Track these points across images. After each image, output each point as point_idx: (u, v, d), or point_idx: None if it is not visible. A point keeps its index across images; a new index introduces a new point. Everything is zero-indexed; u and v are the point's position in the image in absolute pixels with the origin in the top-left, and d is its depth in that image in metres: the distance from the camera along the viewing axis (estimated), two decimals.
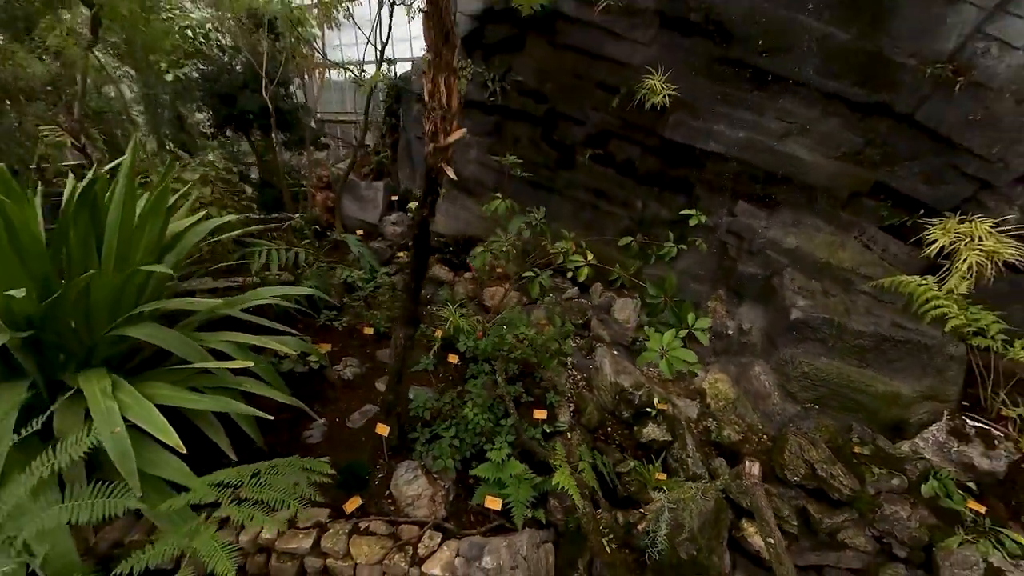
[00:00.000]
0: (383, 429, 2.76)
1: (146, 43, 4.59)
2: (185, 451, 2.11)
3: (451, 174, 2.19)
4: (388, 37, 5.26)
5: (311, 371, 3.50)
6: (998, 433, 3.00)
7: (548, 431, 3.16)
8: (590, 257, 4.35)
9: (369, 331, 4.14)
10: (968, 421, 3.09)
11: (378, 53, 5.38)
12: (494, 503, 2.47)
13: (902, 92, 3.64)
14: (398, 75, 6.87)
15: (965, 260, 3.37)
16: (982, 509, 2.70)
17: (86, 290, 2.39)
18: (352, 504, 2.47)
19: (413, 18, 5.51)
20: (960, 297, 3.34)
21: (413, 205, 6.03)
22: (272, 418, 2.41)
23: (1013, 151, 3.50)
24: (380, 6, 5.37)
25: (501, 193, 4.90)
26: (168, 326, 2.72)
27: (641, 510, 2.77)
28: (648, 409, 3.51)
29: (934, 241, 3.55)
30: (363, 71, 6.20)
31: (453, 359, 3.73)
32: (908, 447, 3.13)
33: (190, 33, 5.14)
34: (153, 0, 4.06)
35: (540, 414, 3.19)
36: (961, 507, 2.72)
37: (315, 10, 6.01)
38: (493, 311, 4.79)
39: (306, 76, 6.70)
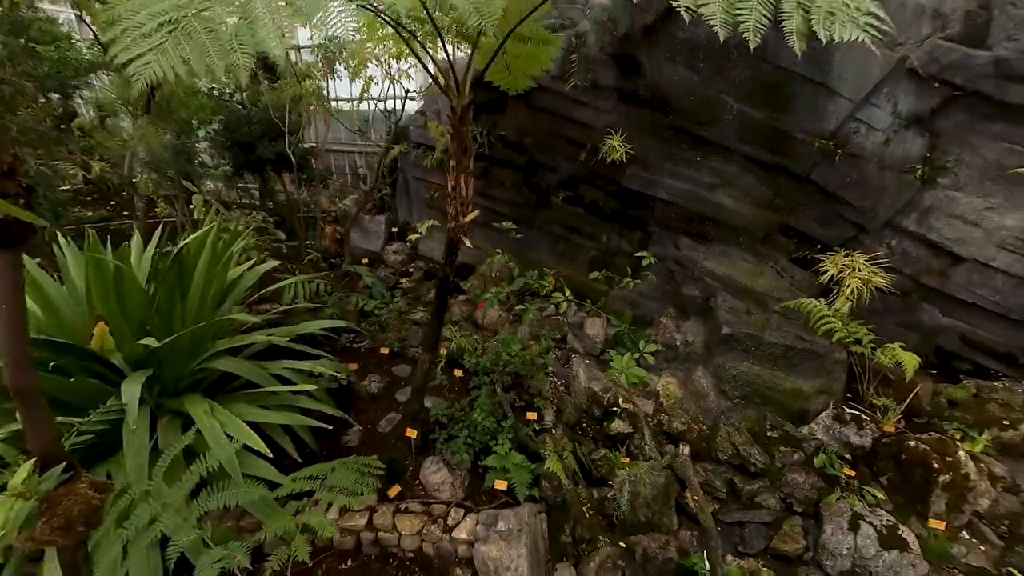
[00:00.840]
0: (411, 432, 3.34)
1: (180, 105, 5.03)
2: (272, 455, 2.65)
3: (467, 243, 2.82)
4: (400, 116, 5.91)
5: (342, 387, 4.04)
6: (866, 417, 3.84)
7: (538, 428, 3.80)
8: (567, 293, 5.03)
9: (385, 351, 4.69)
10: (847, 409, 3.92)
11: (393, 127, 6.01)
12: (501, 485, 3.09)
13: (799, 158, 4.49)
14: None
15: (848, 286, 4.21)
16: (853, 473, 3.51)
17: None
18: (394, 491, 3.04)
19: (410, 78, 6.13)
20: (844, 314, 4.18)
21: (413, 237, 6.60)
22: (331, 427, 2.95)
23: (880, 204, 4.39)
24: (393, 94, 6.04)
25: (484, 228, 5.56)
26: (232, 355, 3.24)
27: (610, 483, 3.44)
28: (615, 408, 4.21)
29: (827, 271, 4.40)
30: (369, 122, 6.78)
31: (458, 373, 4.33)
32: (806, 430, 3.93)
33: (216, 92, 5.57)
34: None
35: (531, 415, 3.82)
36: (840, 473, 3.51)
37: (320, 63, 6.54)
38: (485, 329, 5.42)
39: (313, 121, 7.18)
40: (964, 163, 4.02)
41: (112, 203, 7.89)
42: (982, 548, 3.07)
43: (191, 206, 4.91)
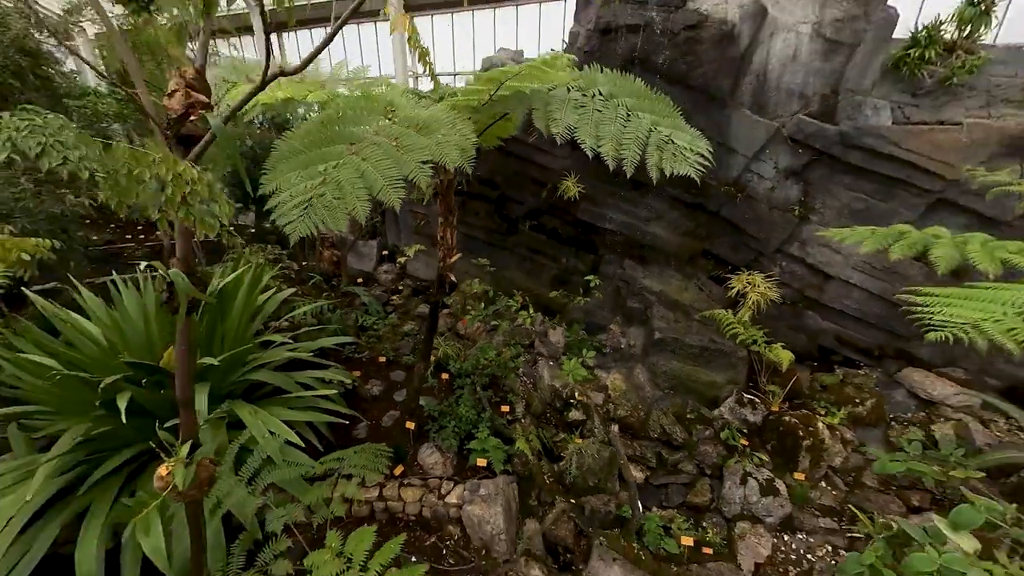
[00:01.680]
0: (410, 424, 3.99)
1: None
2: (304, 445, 3.25)
3: (453, 279, 3.51)
4: None
5: (348, 391, 4.63)
6: (759, 401, 4.74)
7: (510, 419, 4.50)
8: (531, 311, 5.77)
9: (382, 359, 5.29)
10: (746, 395, 4.81)
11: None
12: (482, 462, 3.77)
13: (712, 199, 5.41)
14: None
15: (750, 298, 5.13)
16: (747, 443, 4.37)
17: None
18: (398, 470, 3.68)
19: None
20: (746, 321, 5.08)
21: (402, 259, 7.21)
22: (347, 422, 3.56)
23: (771, 235, 5.34)
24: None
25: (463, 251, 6.24)
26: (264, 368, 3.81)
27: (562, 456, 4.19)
28: (571, 400, 4.96)
29: (734, 287, 5.30)
30: None
31: (444, 376, 4.99)
32: (716, 412, 4.79)
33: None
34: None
35: (505, 408, 4.52)
36: (738, 443, 4.37)
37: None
38: (466, 338, 6.09)
39: None
40: (827, 205, 5.01)
41: (112, 226, 8.15)
42: (833, 493, 3.97)
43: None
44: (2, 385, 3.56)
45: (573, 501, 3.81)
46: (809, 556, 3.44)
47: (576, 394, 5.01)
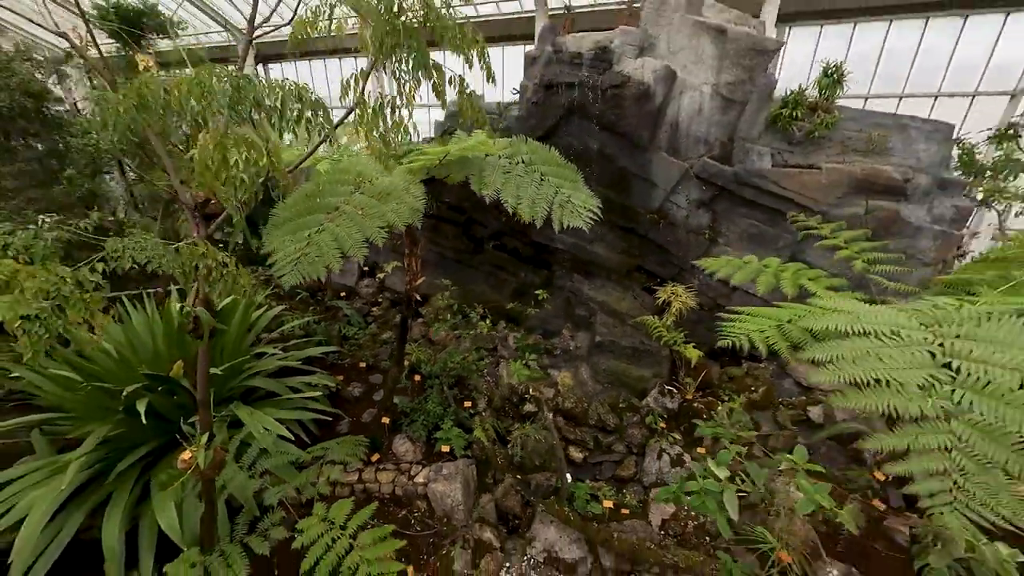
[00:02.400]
0: (386, 419, 4.48)
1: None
2: (294, 439, 3.71)
3: (418, 298, 4.05)
4: None
5: (332, 393, 5.08)
6: (677, 391, 5.45)
7: (472, 412, 5.05)
8: (488, 320, 6.36)
9: (363, 365, 5.75)
10: (667, 387, 5.52)
11: None
12: (445, 449, 4.30)
13: (641, 224, 6.14)
14: None
15: (673, 306, 5.87)
16: (665, 426, 5.07)
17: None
18: (375, 457, 4.17)
19: None
20: (670, 325, 5.80)
21: (381, 275, 7.67)
22: (330, 419, 4.03)
23: (689, 253, 6.09)
24: None
25: (435, 268, 6.78)
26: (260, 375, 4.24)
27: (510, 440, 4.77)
28: (526, 396, 5.55)
29: (660, 297, 6.03)
30: None
31: (417, 378, 5.50)
32: (644, 402, 5.47)
33: None
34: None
35: (467, 404, 5.07)
36: (658, 427, 5.05)
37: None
38: (438, 344, 6.60)
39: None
40: (730, 230, 5.80)
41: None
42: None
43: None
44: (21, 393, 3.88)
45: (519, 477, 4.39)
46: (703, 514, 4.11)
47: (530, 390, 5.61)
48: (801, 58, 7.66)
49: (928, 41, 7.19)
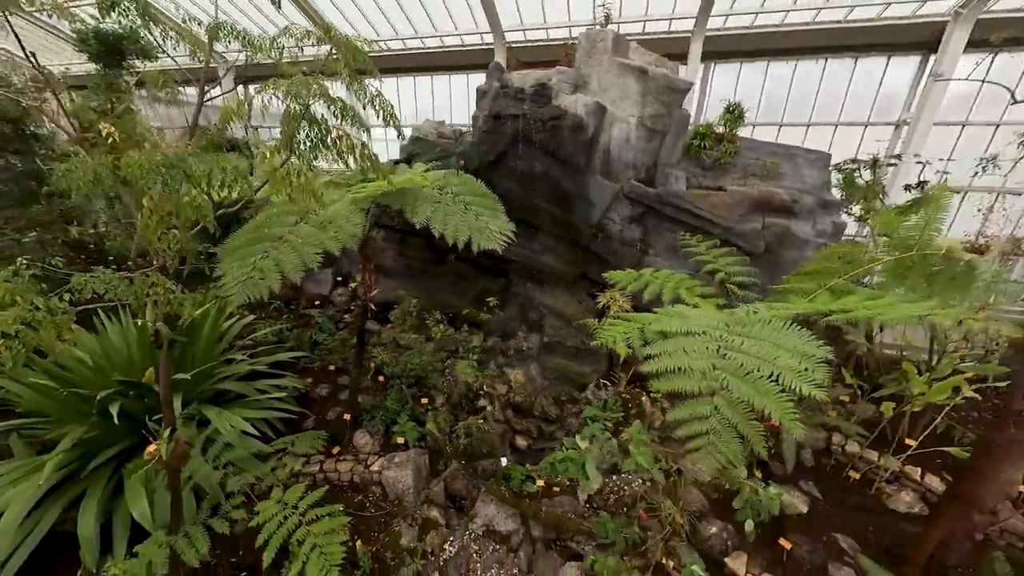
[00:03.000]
0: (347, 416, 4.77)
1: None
2: (259, 435, 3.96)
3: (374, 308, 4.38)
4: None
5: (301, 394, 5.33)
6: (611, 385, 5.92)
7: (429, 408, 5.38)
8: (444, 325, 6.69)
9: (332, 368, 6.00)
10: (603, 380, 5.98)
11: None
12: (400, 440, 4.62)
13: (583, 237, 6.61)
14: None
15: (612, 309, 6.34)
16: (599, 414, 5.51)
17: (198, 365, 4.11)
18: (336, 450, 4.45)
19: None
20: (609, 326, 6.27)
21: (353, 284, 7.91)
22: (295, 417, 4.29)
23: (624, 263, 6.56)
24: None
25: (403, 278, 7.08)
26: (230, 379, 4.47)
27: (468, 435, 5.12)
28: (481, 392, 5.92)
29: (600, 301, 6.50)
30: None
31: (381, 378, 5.79)
32: (583, 395, 5.92)
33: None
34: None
35: (425, 401, 5.40)
36: (593, 415, 5.49)
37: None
38: (406, 347, 6.90)
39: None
40: (658, 242, 6.34)
41: (82, 257, 8.28)
42: (652, 442, 5.15)
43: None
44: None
45: (464, 462, 4.75)
46: (625, 488, 4.56)
47: (485, 387, 5.98)
48: (724, 91, 8.35)
49: (827, 77, 7.98)
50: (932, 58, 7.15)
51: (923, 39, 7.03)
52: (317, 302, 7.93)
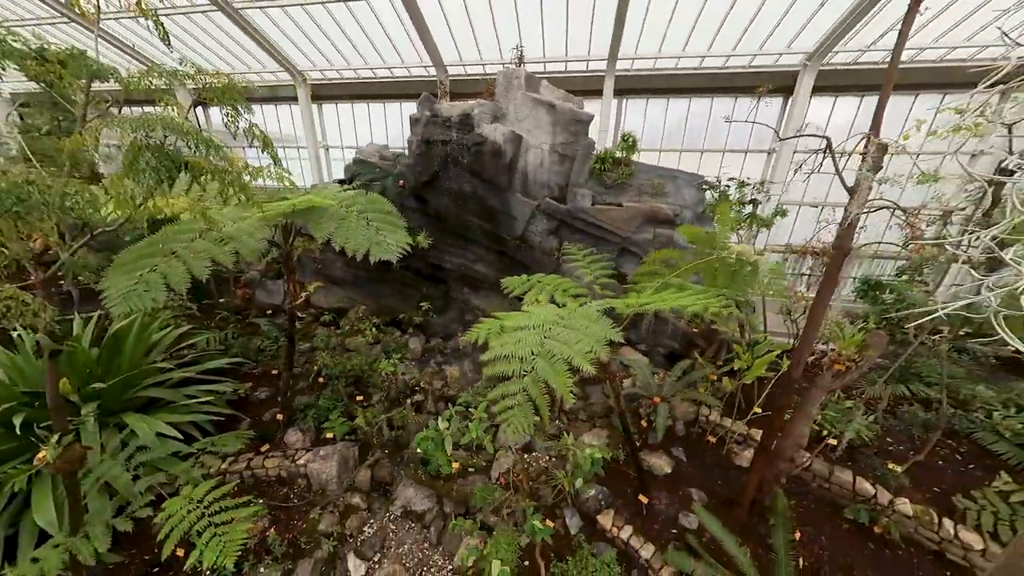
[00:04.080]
0: (280, 416, 4.68)
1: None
2: (182, 438, 3.83)
3: (300, 315, 4.35)
4: None
5: (240, 397, 5.17)
6: None
7: (365, 405, 5.36)
8: (379, 329, 6.71)
9: (275, 372, 5.85)
10: None
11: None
12: (330, 435, 4.59)
13: (510, 248, 6.85)
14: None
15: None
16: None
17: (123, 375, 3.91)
18: (265, 448, 4.36)
19: None
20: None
21: (304, 293, 7.72)
22: (224, 420, 4.17)
23: (545, 269, 6.89)
24: None
25: (352, 286, 7.02)
26: (157, 387, 4.28)
27: (402, 428, 5.15)
28: (417, 388, 5.96)
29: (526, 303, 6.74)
30: None
31: (321, 380, 5.70)
32: None
33: None
34: None
35: (360, 398, 5.38)
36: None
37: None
38: (353, 351, 6.82)
39: None
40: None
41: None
42: (558, 424, 5.41)
43: None
44: None
45: (387, 452, 4.79)
46: (534, 464, 4.77)
47: (421, 383, 6.03)
48: (635, 122, 8.96)
49: (715, 112, 8.74)
50: (791, 99, 8.05)
51: (783, 84, 7.91)
52: (269, 311, 7.69)
